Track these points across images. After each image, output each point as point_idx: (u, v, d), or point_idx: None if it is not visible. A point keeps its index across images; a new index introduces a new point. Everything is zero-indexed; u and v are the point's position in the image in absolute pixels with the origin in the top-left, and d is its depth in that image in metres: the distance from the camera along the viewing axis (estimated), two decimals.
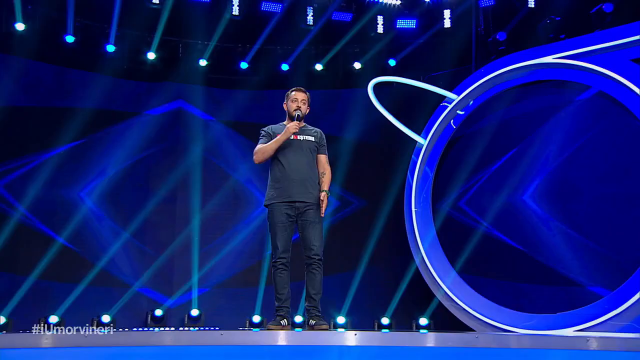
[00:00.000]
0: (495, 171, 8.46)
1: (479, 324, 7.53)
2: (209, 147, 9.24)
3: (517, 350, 3.53)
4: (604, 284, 7.38)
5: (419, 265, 8.06)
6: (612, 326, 6.81)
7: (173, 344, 3.43)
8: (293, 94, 4.88)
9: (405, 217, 8.34)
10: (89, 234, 8.52)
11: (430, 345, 3.43)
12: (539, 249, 8.02)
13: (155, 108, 9.15)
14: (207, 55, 9.13)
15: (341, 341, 3.65)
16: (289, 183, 4.70)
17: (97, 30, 8.79)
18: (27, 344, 3.23)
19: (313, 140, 4.85)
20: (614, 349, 3.56)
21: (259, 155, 4.77)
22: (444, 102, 8.33)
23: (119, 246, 8.56)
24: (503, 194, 8.17)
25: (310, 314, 4.69)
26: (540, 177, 7.99)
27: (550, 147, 7.91)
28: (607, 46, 7.21)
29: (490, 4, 8.70)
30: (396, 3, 9.10)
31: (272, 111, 9.24)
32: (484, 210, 8.39)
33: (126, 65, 9.00)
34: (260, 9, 8.90)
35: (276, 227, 4.70)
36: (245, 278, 8.92)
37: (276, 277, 4.70)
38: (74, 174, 8.54)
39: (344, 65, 9.43)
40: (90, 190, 8.66)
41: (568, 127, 7.96)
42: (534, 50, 7.75)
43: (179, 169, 9.05)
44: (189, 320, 8.56)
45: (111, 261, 8.45)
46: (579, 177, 7.74)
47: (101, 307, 8.12)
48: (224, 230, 9.08)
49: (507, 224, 8.23)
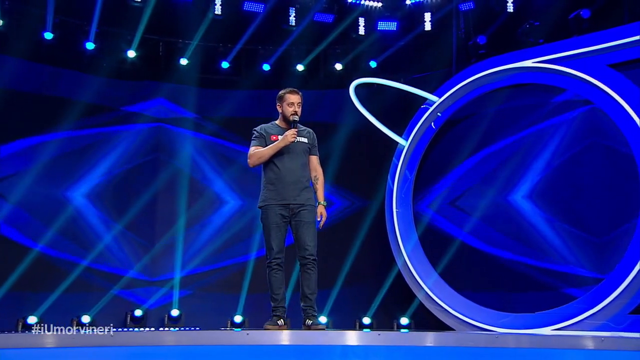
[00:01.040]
0: (471, 170, 8.59)
1: (459, 323, 7.65)
2: (189, 146, 9.21)
3: (537, 350, 3.58)
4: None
5: (401, 268, 8.14)
6: (588, 325, 6.99)
7: (174, 344, 3.43)
8: (287, 95, 4.85)
9: (386, 219, 8.42)
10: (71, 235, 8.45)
11: (431, 345, 3.48)
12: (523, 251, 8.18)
13: (135, 105, 9.08)
14: (188, 55, 9.09)
15: (343, 341, 3.68)
16: (283, 185, 4.71)
17: (76, 27, 8.69)
18: (27, 344, 3.20)
19: (306, 142, 4.86)
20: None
21: (254, 160, 4.76)
22: (425, 104, 8.42)
23: (98, 248, 8.50)
24: (489, 195, 8.28)
25: (306, 313, 4.72)
26: (528, 177, 8.11)
27: (532, 147, 8.06)
28: (584, 51, 7.39)
29: (470, 8, 8.81)
30: (377, 5, 9.18)
31: (253, 110, 9.33)
32: (464, 214, 8.51)
33: (105, 63, 8.92)
34: (243, 9, 8.89)
35: (270, 227, 4.70)
36: (227, 279, 8.91)
37: (271, 278, 4.71)
38: (53, 172, 8.43)
39: (325, 66, 9.46)
40: (71, 189, 8.57)
41: (546, 131, 8.13)
42: (513, 54, 7.90)
43: (161, 171, 9.00)
44: (169, 321, 8.51)
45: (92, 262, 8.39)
46: (562, 178, 7.91)
47: (81, 308, 8.05)
48: (203, 229, 9.06)
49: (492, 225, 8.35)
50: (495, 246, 8.27)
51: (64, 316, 7.86)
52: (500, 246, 8.24)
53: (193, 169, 9.16)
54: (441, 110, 8.25)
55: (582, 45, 7.41)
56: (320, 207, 4.81)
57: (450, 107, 8.25)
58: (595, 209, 7.74)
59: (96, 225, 8.63)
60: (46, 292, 7.95)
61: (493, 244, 8.27)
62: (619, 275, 6.85)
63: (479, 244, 8.32)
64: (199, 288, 8.85)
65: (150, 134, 9.13)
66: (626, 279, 6.78)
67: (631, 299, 6.76)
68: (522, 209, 8.11)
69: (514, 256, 8.12)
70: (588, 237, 7.70)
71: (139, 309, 8.46)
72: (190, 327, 8.29)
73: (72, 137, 8.61)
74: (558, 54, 7.53)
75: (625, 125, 7.02)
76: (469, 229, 8.35)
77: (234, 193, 9.27)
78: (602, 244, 7.58)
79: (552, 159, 7.93)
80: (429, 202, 8.69)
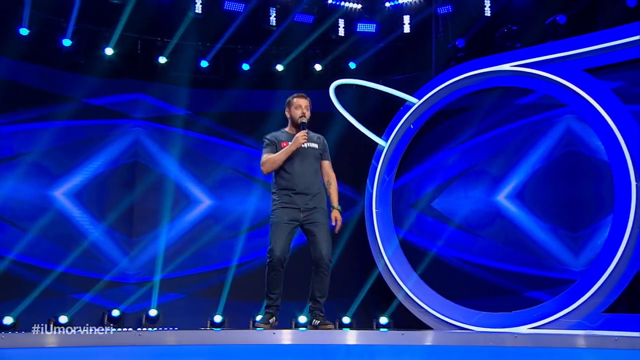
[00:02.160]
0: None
1: (437, 323, 7.75)
2: (168, 145, 9.16)
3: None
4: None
5: (382, 270, 8.21)
6: (564, 324, 7.15)
7: (175, 344, 3.42)
8: (295, 100, 4.86)
9: (366, 219, 8.49)
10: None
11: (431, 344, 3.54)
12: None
13: (112, 103, 8.99)
14: (167, 53, 9.03)
15: (366, 340, 3.68)
16: (296, 192, 4.68)
17: (53, 23, 8.57)
18: (27, 344, 3.16)
19: (317, 148, 4.85)
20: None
21: (267, 166, 4.72)
22: (405, 106, 8.51)
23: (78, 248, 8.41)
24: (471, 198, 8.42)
25: (314, 314, 4.73)
26: (511, 178, 8.27)
27: (509, 148, 8.22)
28: (561, 56, 7.56)
29: (448, 11, 8.93)
30: (357, 7, 9.24)
31: (234, 109, 9.32)
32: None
33: (83, 60, 8.82)
34: (223, 8, 8.86)
35: (278, 226, 4.66)
36: (208, 282, 8.90)
37: (270, 277, 4.67)
38: (32, 170, 8.31)
39: (304, 67, 9.49)
40: (48, 188, 8.45)
41: (518, 132, 8.33)
42: (492, 58, 8.04)
43: (139, 171, 8.94)
44: (147, 321, 8.45)
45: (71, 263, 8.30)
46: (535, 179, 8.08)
47: (58, 308, 7.94)
48: (184, 232, 9.04)
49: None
50: (469, 253, 8.43)
51: (39, 317, 7.74)
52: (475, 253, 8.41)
53: (172, 169, 9.11)
54: (422, 112, 8.34)
55: (558, 50, 7.58)
56: (335, 211, 4.79)
57: (429, 108, 8.35)
58: (570, 208, 7.95)
59: (75, 226, 8.53)
60: (22, 294, 7.83)
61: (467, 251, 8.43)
62: (593, 275, 7.03)
63: (453, 252, 8.46)
64: (178, 290, 8.80)
65: (128, 133, 9.04)
66: (600, 279, 6.96)
67: (605, 298, 6.94)
68: (502, 210, 8.26)
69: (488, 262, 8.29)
70: (563, 236, 7.89)
71: (116, 309, 8.38)
72: (169, 327, 8.24)
73: (45, 133, 8.49)
74: (535, 58, 7.68)
75: (599, 128, 7.20)
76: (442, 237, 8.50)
77: (211, 193, 9.25)
78: (577, 242, 7.78)
79: (530, 161, 8.11)
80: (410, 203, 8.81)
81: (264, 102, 9.27)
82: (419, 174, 8.79)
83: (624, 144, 6.95)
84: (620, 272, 6.86)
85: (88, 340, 3.27)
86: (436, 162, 8.70)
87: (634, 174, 6.88)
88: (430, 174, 8.73)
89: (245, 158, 9.33)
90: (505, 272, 8.13)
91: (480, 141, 8.46)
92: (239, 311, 8.63)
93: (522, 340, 3.98)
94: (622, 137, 6.97)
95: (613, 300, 6.89)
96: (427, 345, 3.60)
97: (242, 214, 9.16)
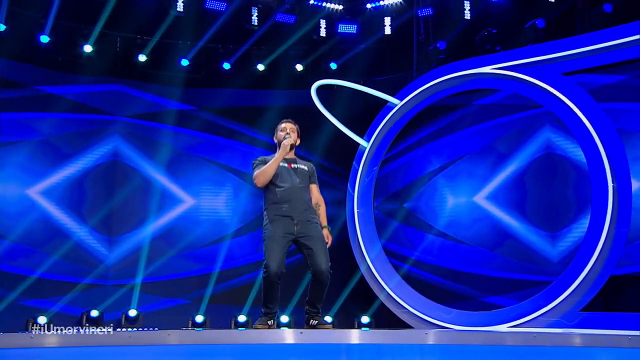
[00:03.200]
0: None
1: (418, 322, 7.83)
2: (148, 143, 9.09)
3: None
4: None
5: (364, 272, 8.25)
6: (542, 322, 7.28)
7: (176, 344, 3.41)
8: (282, 125, 4.98)
9: (347, 220, 8.53)
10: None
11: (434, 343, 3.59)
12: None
13: (90, 100, 8.88)
14: (147, 51, 8.96)
15: (381, 339, 3.70)
16: (287, 204, 4.73)
17: (31, 19, 8.44)
18: (28, 344, 3.12)
19: (306, 170, 4.95)
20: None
21: (260, 178, 4.76)
22: (386, 106, 8.56)
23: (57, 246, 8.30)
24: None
25: (310, 315, 4.79)
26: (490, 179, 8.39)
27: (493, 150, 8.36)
28: (540, 59, 7.69)
29: (429, 13, 9.03)
30: (339, 8, 9.28)
31: (213, 108, 9.29)
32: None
33: (61, 57, 8.70)
34: (205, 7, 8.82)
35: (273, 241, 4.68)
36: (190, 285, 8.87)
37: (267, 290, 4.68)
38: (7, 168, 8.17)
39: (285, 67, 9.49)
40: (24, 186, 8.32)
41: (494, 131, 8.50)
42: (473, 60, 8.12)
43: (118, 169, 8.85)
44: (126, 321, 8.37)
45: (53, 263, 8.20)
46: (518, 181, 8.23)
47: (36, 310, 7.84)
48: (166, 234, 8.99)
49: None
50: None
51: (18, 319, 7.65)
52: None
53: (152, 167, 9.04)
54: (404, 113, 8.40)
55: (537, 54, 7.70)
56: (325, 230, 4.88)
57: (411, 109, 8.43)
58: (545, 209, 8.12)
59: (52, 226, 8.41)
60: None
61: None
62: (570, 274, 7.17)
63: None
64: (158, 292, 8.75)
65: (106, 131, 8.95)
66: (577, 278, 7.10)
67: (582, 297, 7.08)
68: (482, 211, 8.40)
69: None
70: (542, 236, 8.04)
71: (95, 310, 8.29)
72: (149, 327, 8.18)
73: (23, 132, 8.37)
74: (515, 61, 7.80)
75: (577, 131, 7.34)
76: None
77: (194, 192, 9.21)
78: (555, 242, 7.94)
79: (508, 163, 8.25)
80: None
81: (245, 101, 9.24)
82: (392, 170, 8.93)
83: (601, 147, 7.09)
84: (597, 272, 7.01)
85: (89, 340, 3.24)
86: (411, 158, 8.84)
87: (610, 176, 7.03)
88: (403, 172, 8.86)
89: (231, 156, 9.35)
90: (475, 276, 8.30)
91: (458, 138, 8.62)
92: (220, 313, 8.62)
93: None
94: (600, 140, 7.11)
95: (590, 299, 7.03)
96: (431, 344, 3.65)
97: (227, 216, 9.16)
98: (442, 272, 8.58)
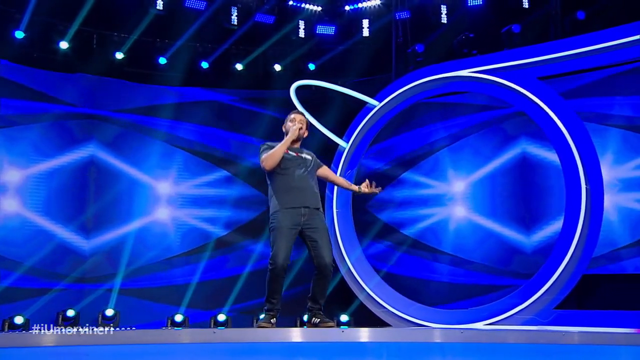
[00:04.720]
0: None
1: (397, 321, 7.93)
2: (126, 143, 9.01)
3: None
4: None
5: (344, 274, 8.32)
6: (518, 320, 7.47)
7: (177, 343, 3.40)
8: (291, 116, 4.97)
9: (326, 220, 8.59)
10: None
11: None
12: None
13: (65, 97, 8.76)
14: (124, 49, 8.88)
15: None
16: (294, 191, 4.73)
17: (5, 14, 8.29)
18: (28, 344, 3.08)
19: (310, 159, 4.95)
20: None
21: (269, 161, 4.72)
22: (365, 108, 8.65)
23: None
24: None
25: (313, 313, 4.80)
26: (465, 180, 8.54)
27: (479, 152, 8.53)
28: (516, 64, 7.87)
29: (406, 16, 9.16)
30: (317, 9, 9.34)
31: (192, 106, 9.25)
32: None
33: (36, 53, 8.56)
34: (184, 5, 8.79)
35: (280, 231, 4.66)
36: (170, 290, 8.82)
37: (272, 282, 4.67)
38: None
39: (264, 67, 9.52)
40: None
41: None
42: (450, 64, 8.25)
43: (96, 170, 8.77)
44: (103, 320, 8.28)
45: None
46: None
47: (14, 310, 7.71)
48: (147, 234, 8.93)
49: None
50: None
51: None
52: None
53: (132, 165, 8.98)
54: (382, 114, 8.50)
55: (513, 58, 7.87)
56: (362, 186, 4.96)
57: (390, 111, 8.54)
58: (521, 211, 8.33)
59: (26, 228, 8.28)
60: None
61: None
62: (545, 273, 7.36)
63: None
64: (137, 294, 8.68)
65: (83, 128, 8.84)
66: (551, 277, 7.30)
67: (556, 295, 7.28)
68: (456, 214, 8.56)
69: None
70: (517, 236, 8.24)
71: (71, 309, 8.19)
72: (126, 327, 8.10)
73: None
74: (492, 65, 7.97)
75: (552, 134, 7.54)
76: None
77: (175, 192, 9.18)
78: (529, 242, 8.15)
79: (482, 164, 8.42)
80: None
81: (223, 100, 9.23)
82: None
83: (575, 150, 7.29)
84: (570, 271, 7.21)
85: (90, 339, 3.23)
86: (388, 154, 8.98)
87: (583, 177, 7.24)
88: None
89: (218, 153, 9.34)
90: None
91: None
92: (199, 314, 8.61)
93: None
94: (574, 142, 7.31)
95: (563, 297, 7.24)
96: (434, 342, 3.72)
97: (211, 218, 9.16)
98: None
